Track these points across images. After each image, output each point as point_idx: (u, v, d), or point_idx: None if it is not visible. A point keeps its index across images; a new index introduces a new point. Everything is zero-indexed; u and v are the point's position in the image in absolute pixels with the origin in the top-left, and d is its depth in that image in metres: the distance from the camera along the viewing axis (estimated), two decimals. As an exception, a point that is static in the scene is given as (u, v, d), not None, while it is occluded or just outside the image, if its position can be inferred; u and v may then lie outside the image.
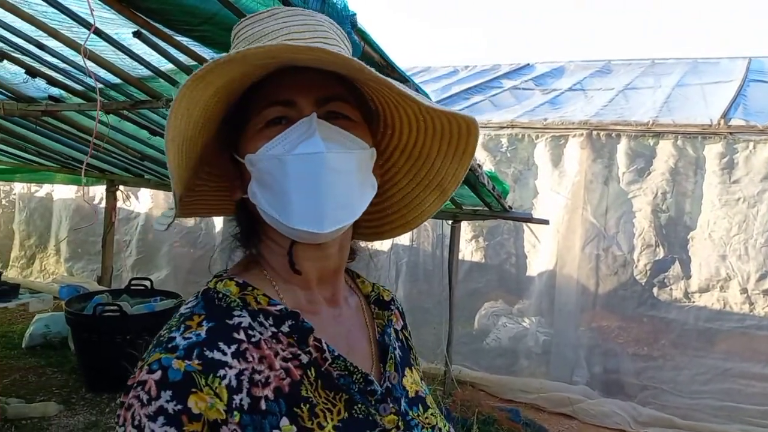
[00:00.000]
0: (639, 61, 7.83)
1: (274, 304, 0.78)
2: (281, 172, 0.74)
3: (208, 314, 0.74)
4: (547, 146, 5.55)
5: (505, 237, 5.94)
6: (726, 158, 4.83)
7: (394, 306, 0.99)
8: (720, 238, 4.86)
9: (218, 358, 0.69)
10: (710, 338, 4.93)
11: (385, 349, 0.88)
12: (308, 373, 0.75)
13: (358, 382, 0.78)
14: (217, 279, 0.82)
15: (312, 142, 0.73)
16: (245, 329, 0.74)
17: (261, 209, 0.77)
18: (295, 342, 0.76)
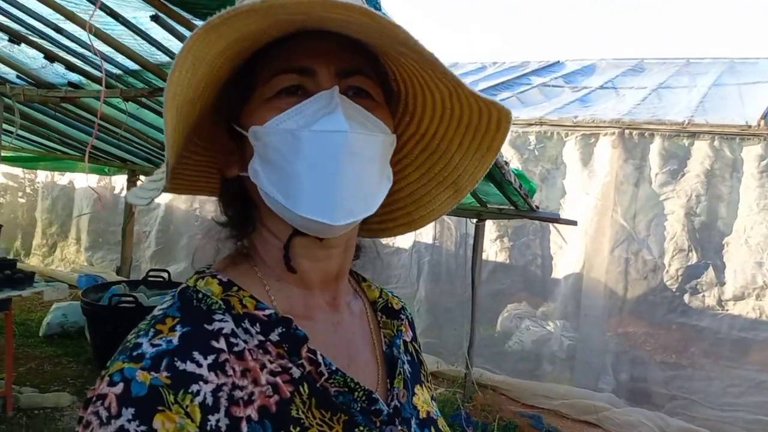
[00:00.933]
0: (673, 60, 7.60)
1: (263, 308, 0.67)
2: (293, 149, 0.63)
3: (183, 317, 0.63)
4: (577, 145, 5.38)
5: (530, 237, 5.78)
6: (765, 161, 4.62)
7: (405, 315, 0.87)
8: (757, 244, 4.66)
9: (191, 370, 0.58)
10: (744, 348, 4.73)
11: (393, 363, 0.77)
12: (300, 390, 0.64)
13: (360, 400, 0.67)
14: (198, 276, 0.70)
15: (334, 118, 0.62)
16: (226, 336, 0.63)
17: (262, 191, 0.66)
18: (285, 353, 0.65)
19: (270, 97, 0.66)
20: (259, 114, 0.66)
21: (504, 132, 0.74)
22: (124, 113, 3.77)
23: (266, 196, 0.66)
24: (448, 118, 0.76)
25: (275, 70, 0.66)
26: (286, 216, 0.65)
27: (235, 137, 0.70)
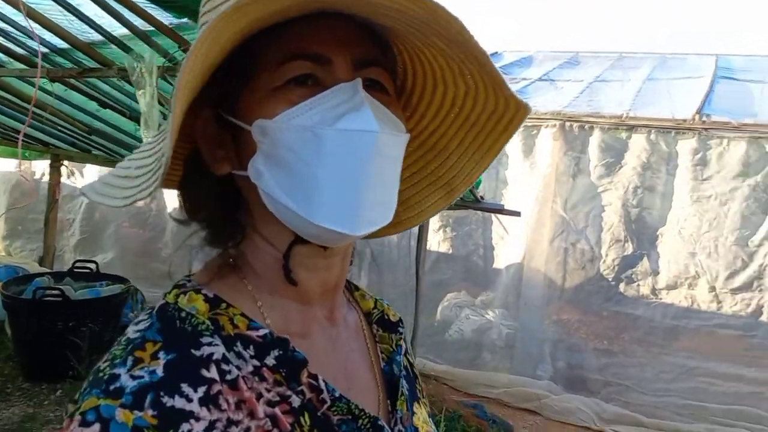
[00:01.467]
0: (607, 54, 7.79)
1: (256, 328, 0.59)
2: (313, 150, 0.55)
3: (165, 342, 0.53)
4: (519, 136, 5.41)
5: (473, 228, 5.81)
6: (699, 154, 4.78)
7: (402, 328, 0.79)
8: (690, 235, 4.83)
9: (180, 406, 0.49)
10: (676, 336, 4.91)
11: (393, 382, 0.71)
12: (301, 421, 0.57)
13: (365, 428, 0.61)
14: (178, 290, 0.60)
15: (362, 116, 0.55)
16: (217, 363, 0.54)
17: (266, 194, 0.57)
18: (283, 379, 0.58)
19: (278, 86, 0.57)
20: (266, 105, 0.57)
21: (511, 133, 0.69)
22: (50, 95, 3.51)
23: (270, 199, 0.57)
24: (454, 116, 0.70)
25: (285, 55, 0.57)
26: (294, 223, 0.58)
27: (227, 129, 0.60)
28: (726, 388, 4.62)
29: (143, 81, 2.60)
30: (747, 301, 4.69)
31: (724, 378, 4.65)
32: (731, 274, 4.69)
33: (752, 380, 4.60)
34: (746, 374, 4.62)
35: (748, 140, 4.66)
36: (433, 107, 0.71)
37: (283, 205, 0.56)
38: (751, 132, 4.66)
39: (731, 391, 4.62)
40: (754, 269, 4.64)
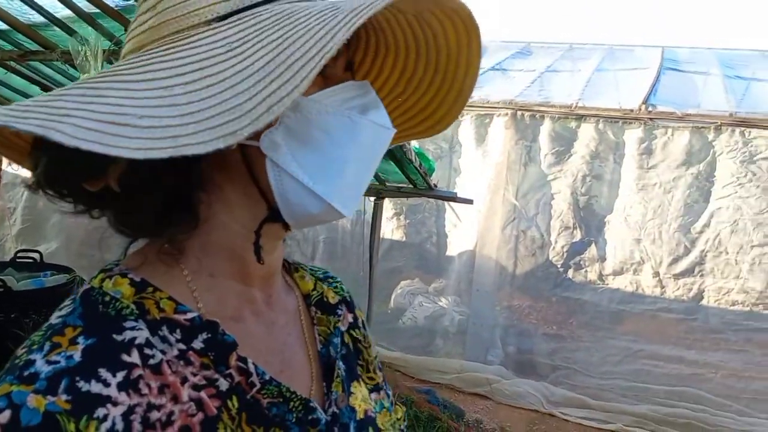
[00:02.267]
0: (557, 45, 7.90)
1: (184, 311, 0.57)
2: (348, 135, 0.57)
3: (86, 327, 0.52)
4: (472, 125, 5.47)
5: (426, 215, 5.85)
6: (645, 144, 4.92)
7: (343, 310, 0.79)
8: (635, 222, 4.96)
9: (97, 391, 0.48)
10: (621, 320, 5.05)
11: (330, 365, 0.70)
12: (229, 405, 0.56)
13: (296, 410, 0.60)
14: (104, 275, 0.58)
15: (383, 113, 0.61)
16: (140, 348, 0.53)
17: (278, 167, 0.56)
18: (211, 362, 0.56)
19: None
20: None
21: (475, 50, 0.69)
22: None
23: (278, 173, 0.56)
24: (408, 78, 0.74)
25: None
26: (295, 199, 0.57)
27: None
28: (668, 370, 4.79)
29: (88, 65, 2.51)
30: (689, 286, 4.86)
31: (667, 360, 4.82)
32: (674, 260, 4.85)
33: (693, 362, 4.77)
34: (687, 356, 4.80)
35: (692, 130, 4.81)
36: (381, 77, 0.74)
37: (296, 179, 0.56)
38: (694, 122, 4.80)
39: (673, 372, 4.78)
40: (696, 255, 4.80)
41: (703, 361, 4.77)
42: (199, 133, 0.45)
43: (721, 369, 4.72)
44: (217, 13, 0.55)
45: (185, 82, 0.49)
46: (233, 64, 0.49)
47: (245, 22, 0.53)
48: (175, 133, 0.45)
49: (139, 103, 0.48)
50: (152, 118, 0.46)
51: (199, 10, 0.55)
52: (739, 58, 7.01)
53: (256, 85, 0.47)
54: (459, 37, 0.66)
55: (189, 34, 0.55)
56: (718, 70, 6.36)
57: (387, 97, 0.74)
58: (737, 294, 4.74)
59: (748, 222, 4.68)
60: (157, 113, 0.47)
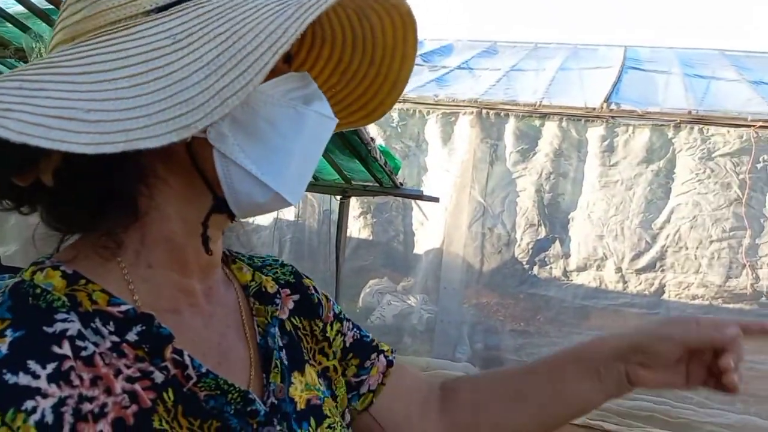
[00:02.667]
0: (523, 44, 7.99)
1: (117, 304, 0.56)
2: (294, 126, 0.58)
3: (15, 319, 0.51)
4: (438, 123, 5.50)
5: (393, 214, 5.86)
6: (607, 141, 4.99)
7: (281, 297, 0.77)
8: (598, 219, 5.04)
9: (25, 383, 0.47)
10: (586, 315, 5.12)
11: (269, 356, 0.69)
12: (164, 397, 0.56)
13: (235, 402, 0.60)
14: (35, 267, 0.57)
15: (325, 104, 0.63)
16: (71, 339, 0.52)
17: (225, 157, 0.56)
18: (146, 355, 0.56)
19: None
20: None
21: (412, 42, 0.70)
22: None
23: (226, 163, 0.56)
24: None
25: None
26: (243, 189, 0.57)
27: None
28: (631, 363, 4.87)
29: (44, 62, 2.47)
30: (650, 281, 4.95)
31: (630, 354, 4.89)
32: (636, 256, 4.94)
33: (655, 355, 4.86)
34: (650, 350, 4.88)
35: (652, 128, 4.90)
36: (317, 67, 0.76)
37: (243, 169, 0.56)
38: (655, 120, 4.89)
39: (636, 366, 4.86)
40: (657, 250, 4.90)
41: (665, 355, 4.86)
42: (151, 126, 0.45)
43: (683, 362, 4.82)
44: (157, 4, 0.54)
45: (130, 75, 0.49)
46: (180, 57, 0.49)
47: (187, 13, 0.53)
48: (126, 126, 0.45)
49: (85, 96, 0.47)
50: (100, 112, 0.46)
51: (136, 1, 0.54)
52: (698, 57, 7.17)
53: (207, 79, 0.47)
54: (396, 31, 0.67)
55: (127, 25, 0.53)
56: (678, 69, 6.49)
57: (321, 87, 0.72)
58: (697, 288, 4.84)
59: (706, 217, 4.78)
60: (104, 107, 0.46)
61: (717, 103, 5.24)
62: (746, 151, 4.68)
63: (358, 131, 3.33)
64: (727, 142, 4.73)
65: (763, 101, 5.18)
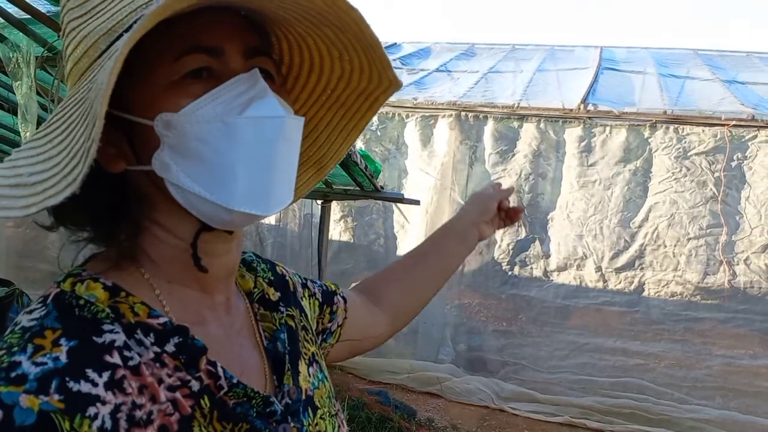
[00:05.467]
0: (501, 46, 8.04)
1: (156, 316, 0.59)
2: (226, 139, 0.57)
3: (65, 329, 0.53)
4: (417, 126, 5.53)
5: (374, 217, 5.87)
6: (584, 142, 5.05)
7: (284, 306, 0.81)
8: (577, 219, 5.09)
9: (87, 391, 0.50)
10: (567, 314, 5.17)
11: (279, 360, 0.73)
12: (201, 404, 0.59)
13: (257, 405, 0.64)
14: (74, 279, 0.59)
15: (267, 103, 0.59)
16: (119, 350, 0.55)
17: (175, 185, 0.58)
18: (182, 365, 0.59)
19: (176, 80, 0.57)
20: (167, 100, 0.57)
21: (377, 109, 0.74)
22: None
23: (179, 190, 0.58)
24: (326, 98, 0.74)
25: (180, 49, 0.57)
26: (205, 211, 0.59)
27: (117, 126, 0.59)
28: (613, 362, 4.93)
29: (20, 71, 2.45)
30: (630, 279, 5.00)
31: (612, 352, 4.95)
32: (615, 254, 4.99)
33: (636, 353, 4.92)
34: (630, 348, 4.94)
35: (628, 128, 4.96)
36: (305, 92, 0.74)
37: (195, 194, 0.57)
38: (631, 120, 4.96)
39: (618, 364, 4.92)
40: (636, 249, 4.96)
41: (646, 352, 4.92)
42: (59, 182, 0.50)
43: (663, 359, 4.88)
44: (101, 49, 0.56)
45: (60, 132, 0.53)
46: (80, 109, 0.52)
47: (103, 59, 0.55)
48: (45, 186, 0.50)
49: (33, 161, 0.53)
50: (36, 175, 0.51)
51: (89, 50, 0.57)
52: (673, 57, 7.27)
53: (87, 128, 0.49)
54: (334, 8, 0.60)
55: (86, 75, 0.57)
56: (653, 69, 6.58)
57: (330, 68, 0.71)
58: (675, 286, 4.90)
59: (683, 215, 4.85)
60: (40, 169, 0.52)
61: (692, 102, 5.33)
62: (721, 150, 4.76)
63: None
64: (702, 141, 4.80)
65: (736, 100, 5.27)
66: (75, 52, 0.58)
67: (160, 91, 0.57)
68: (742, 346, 4.81)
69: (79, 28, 0.57)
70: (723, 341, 4.81)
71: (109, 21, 0.56)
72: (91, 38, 0.56)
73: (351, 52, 0.66)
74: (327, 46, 0.67)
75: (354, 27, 0.59)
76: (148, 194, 0.61)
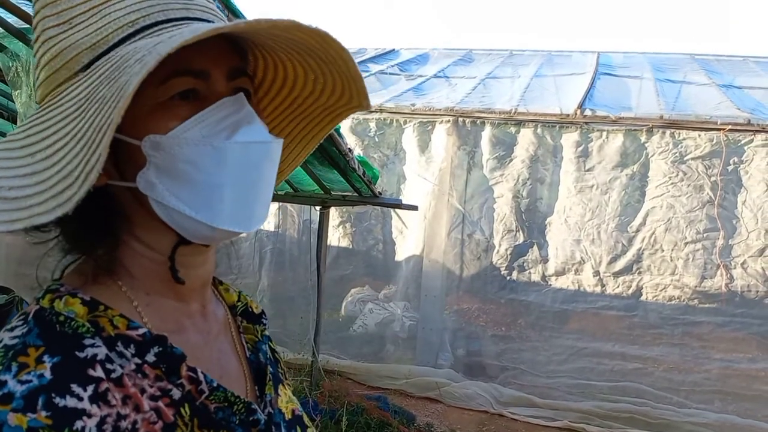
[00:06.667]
0: (498, 52, 8.08)
1: (135, 327, 0.60)
2: (215, 162, 0.59)
3: (48, 345, 0.54)
4: (415, 132, 5.55)
5: (372, 223, 5.89)
6: (581, 147, 5.07)
7: (266, 319, 0.84)
8: (575, 223, 5.10)
9: (72, 405, 0.51)
10: (565, 319, 5.18)
11: (260, 369, 0.76)
12: (182, 412, 0.61)
13: (239, 413, 0.66)
14: (52, 295, 0.60)
15: (255, 128, 0.62)
16: (102, 363, 0.56)
17: (159, 203, 0.60)
18: (163, 374, 0.61)
19: (163, 101, 0.59)
20: (154, 121, 0.59)
21: (338, 122, 0.77)
22: None
23: (162, 208, 0.60)
24: (290, 112, 0.76)
25: (168, 71, 0.59)
26: (188, 227, 0.61)
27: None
28: (612, 366, 4.93)
29: (19, 80, 2.47)
30: (628, 284, 5.02)
31: (610, 357, 4.96)
32: (613, 259, 5.01)
33: (634, 357, 4.93)
34: (629, 352, 4.95)
35: (625, 133, 4.98)
36: (273, 104, 0.77)
37: (179, 212, 0.59)
38: (628, 125, 4.98)
39: (616, 368, 4.93)
40: (633, 253, 4.97)
41: (644, 356, 4.94)
42: (47, 200, 0.51)
43: (662, 363, 4.90)
44: (83, 63, 0.58)
45: (45, 147, 0.54)
46: (75, 125, 0.53)
47: (98, 71, 0.56)
48: (31, 202, 0.51)
49: (11, 173, 0.53)
50: (17, 189, 0.52)
51: (69, 62, 0.58)
52: (670, 62, 7.30)
53: (83, 150, 0.51)
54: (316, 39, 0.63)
55: (65, 87, 0.58)
56: (650, 74, 6.61)
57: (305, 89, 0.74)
58: (673, 290, 4.92)
59: (680, 220, 4.87)
60: (21, 183, 0.52)
61: (688, 107, 5.35)
62: (717, 154, 4.78)
63: (336, 142, 3.36)
64: (698, 146, 4.83)
65: (732, 105, 5.30)
66: (52, 62, 0.59)
67: (146, 111, 0.59)
68: (740, 350, 4.82)
69: (58, 38, 0.59)
70: (721, 345, 4.82)
71: (93, 36, 0.57)
72: (73, 50, 0.58)
73: (328, 77, 0.69)
74: (305, 70, 0.70)
75: (340, 62, 0.62)
76: (128, 208, 0.63)
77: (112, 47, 0.57)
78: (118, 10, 0.58)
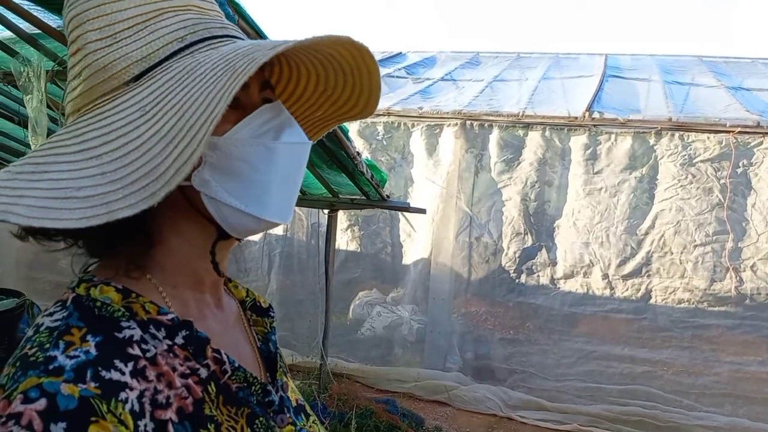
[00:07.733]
0: (505, 54, 8.07)
1: (165, 313, 0.67)
2: (266, 160, 0.68)
3: (89, 327, 0.60)
4: (423, 135, 5.55)
5: (380, 226, 5.89)
6: (590, 149, 5.06)
7: (273, 313, 0.91)
8: (584, 226, 5.09)
9: (117, 378, 0.57)
10: (574, 322, 5.17)
11: (270, 358, 0.83)
12: (209, 389, 0.67)
13: (257, 393, 0.72)
14: (87, 284, 0.65)
15: (297, 130, 0.72)
16: (138, 343, 0.63)
17: (212, 198, 0.66)
18: (191, 355, 0.67)
19: None
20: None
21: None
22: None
23: (214, 203, 0.66)
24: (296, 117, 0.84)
25: None
26: (234, 221, 0.68)
27: None
28: (621, 369, 4.92)
29: (30, 85, 2.49)
30: (637, 287, 5.01)
31: (619, 360, 4.95)
32: (622, 262, 5.00)
33: (644, 360, 4.91)
34: (638, 355, 4.94)
35: (634, 135, 4.98)
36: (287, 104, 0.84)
37: (230, 206, 0.66)
38: (636, 127, 4.97)
39: (626, 371, 4.92)
40: (642, 256, 4.96)
41: (654, 359, 4.92)
42: (127, 197, 0.55)
43: (671, 366, 4.88)
44: (133, 74, 0.64)
45: (112, 149, 0.58)
46: (147, 129, 0.58)
47: (156, 80, 0.62)
48: (107, 200, 0.56)
49: (77, 175, 0.58)
50: (88, 188, 0.57)
51: (117, 73, 0.64)
52: (678, 64, 7.28)
53: (165, 149, 0.56)
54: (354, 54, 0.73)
55: (113, 96, 0.63)
56: (658, 76, 6.59)
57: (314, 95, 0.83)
58: (683, 292, 4.90)
59: (690, 222, 4.86)
60: (92, 182, 0.57)
61: (697, 109, 5.34)
62: (726, 156, 4.76)
63: (344, 146, 3.37)
64: (707, 148, 4.81)
65: (741, 107, 5.28)
66: (97, 74, 0.64)
67: None
68: (750, 353, 4.80)
69: (102, 51, 0.64)
70: (731, 348, 4.80)
71: (142, 49, 0.64)
72: (122, 62, 0.64)
73: (338, 86, 0.78)
74: (315, 84, 0.79)
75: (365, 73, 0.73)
76: (174, 205, 0.67)
77: (163, 60, 0.64)
78: (165, 27, 0.65)
